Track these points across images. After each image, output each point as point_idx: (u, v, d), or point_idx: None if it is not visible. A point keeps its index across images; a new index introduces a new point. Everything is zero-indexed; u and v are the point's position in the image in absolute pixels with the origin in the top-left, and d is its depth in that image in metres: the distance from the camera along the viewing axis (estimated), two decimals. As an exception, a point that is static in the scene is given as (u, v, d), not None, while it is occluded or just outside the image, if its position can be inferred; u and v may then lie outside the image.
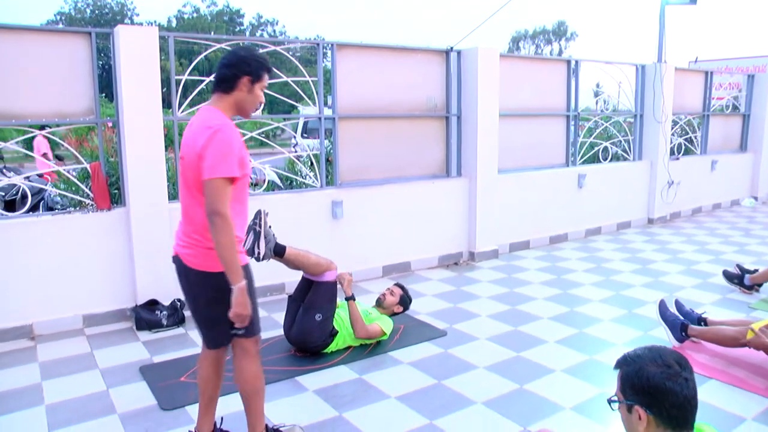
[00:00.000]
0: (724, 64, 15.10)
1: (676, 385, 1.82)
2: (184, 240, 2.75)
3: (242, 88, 2.71)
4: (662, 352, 1.92)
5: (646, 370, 1.86)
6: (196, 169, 2.60)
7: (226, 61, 2.73)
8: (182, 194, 2.79)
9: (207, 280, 2.69)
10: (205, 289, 2.73)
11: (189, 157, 2.66)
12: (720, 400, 3.49)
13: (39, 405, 3.53)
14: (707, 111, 9.92)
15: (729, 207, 10.60)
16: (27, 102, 4.62)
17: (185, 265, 2.75)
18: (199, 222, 2.67)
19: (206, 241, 2.65)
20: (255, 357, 2.89)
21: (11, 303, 4.55)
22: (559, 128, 7.81)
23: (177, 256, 2.80)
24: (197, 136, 2.62)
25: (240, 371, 2.87)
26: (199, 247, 2.69)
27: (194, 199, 2.68)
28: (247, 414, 2.93)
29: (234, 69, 2.70)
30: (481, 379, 3.83)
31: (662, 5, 8.74)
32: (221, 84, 2.72)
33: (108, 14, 48.22)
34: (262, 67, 2.75)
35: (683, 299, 5.24)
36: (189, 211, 2.73)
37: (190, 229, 2.73)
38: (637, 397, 1.87)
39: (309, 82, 5.82)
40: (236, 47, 2.97)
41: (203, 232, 2.66)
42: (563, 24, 59.67)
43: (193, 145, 2.62)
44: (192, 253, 2.72)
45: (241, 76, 2.69)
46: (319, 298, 4.14)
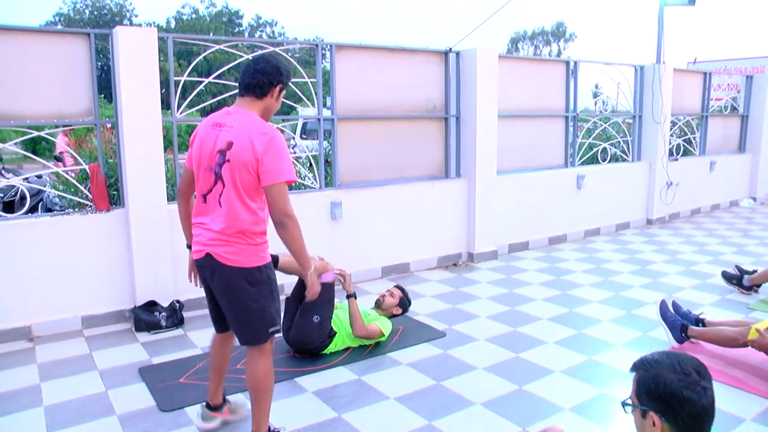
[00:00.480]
0: (723, 65, 15.12)
1: (694, 394, 1.79)
2: (221, 239, 2.77)
3: (274, 94, 2.86)
4: (681, 358, 1.89)
5: (664, 376, 1.83)
6: (251, 173, 2.70)
7: (261, 67, 2.83)
8: (223, 196, 2.77)
9: (247, 276, 2.78)
10: (245, 284, 2.79)
11: (240, 161, 2.70)
12: (719, 401, 3.44)
13: (38, 406, 3.53)
14: (706, 112, 9.93)
15: (728, 208, 10.61)
16: (26, 103, 4.61)
17: (221, 263, 2.78)
18: (243, 221, 2.75)
19: (248, 239, 2.77)
20: (269, 356, 2.94)
21: (10, 304, 4.55)
22: (558, 129, 7.82)
23: (209, 255, 2.80)
24: (254, 140, 2.68)
25: (254, 369, 2.91)
26: (241, 244, 2.76)
27: (242, 202, 2.75)
28: (253, 411, 2.96)
29: (270, 77, 2.82)
30: (481, 380, 3.83)
31: (661, 6, 8.74)
32: (255, 89, 2.82)
33: (107, 15, 48.26)
34: (289, 77, 2.94)
35: (682, 300, 5.24)
36: (233, 214, 2.75)
37: (230, 227, 2.75)
38: (653, 404, 1.84)
39: (308, 83, 5.82)
40: (267, 55, 3.05)
41: (246, 230, 2.76)
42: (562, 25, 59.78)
43: (249, 149, 2.68)
44: (232, 250, 2.76)
45: (276, 84, 2.85)
46: (316, 299, 4.12)
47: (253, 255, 2.79)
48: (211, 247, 2.80)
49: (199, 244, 2.87)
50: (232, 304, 2.86)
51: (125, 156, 4.82)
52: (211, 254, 2.80)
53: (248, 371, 2.94)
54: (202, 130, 2.90)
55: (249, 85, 2.83)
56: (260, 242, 2.84)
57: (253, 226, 2.79)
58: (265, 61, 2.88)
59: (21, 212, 5.20)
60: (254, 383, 2.92)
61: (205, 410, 3.25)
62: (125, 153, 4.81)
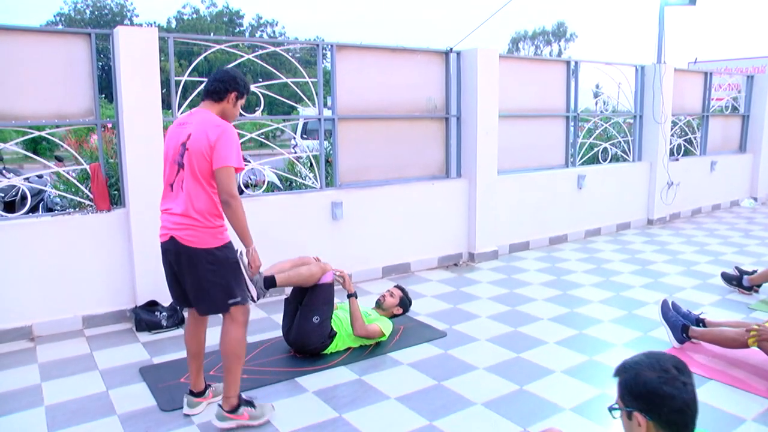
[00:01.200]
0: (724, 65, 15.13)
1: (674, 389, 1.82)
2: (183, 222, 3.09)
3: (230, 100, 3.26)
4: (660, 357, 1.92)
5: (643, 375, 1.86)
6: (206, 158, 3.04)
7: (219, 77, 3.26)
8: (185, 186, 3.11)
9: (207, 256, 3.09)
10: (204, 264, 3.10)
11: (197, 148, 3.06)
12: (720, 401, 3.49)
13: (39, 406, 3.53)
14: (707, 112, 9.93)
15: (728, 208, 10.60)
16: (27, 103, 4.62)
17: (183, 245, 3.09)
18: (201, 205, 3.09)
19: (207, 221, 3.09)
20: (241, 325, 3.25)
21: (11, 304, 4.55)
22: (558, 129, 7.82)
23: (172, 238, 3.13)
24: (208, 131, 3.06)
25: (226, 336, 3.23)
26: (199, 227, 3.08)
27: (199, 185, 3.08)
28: (225, 377, 3.24)
29: (226, 84, 3.23)
30: (481, 380, 3.83)
31: (661, 6, 8.73)
32: (213, 94, 3.24)
33: (107, 15, 48.27)
34: (246, 88, 3.32)
35: (683, 300, 5.25)
36: (191, 196, 3.09)
37: (189, 209, 3.08)
38: (636, 403, 1.86)
39: (308, 83, 5.82)
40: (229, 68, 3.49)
41: (204, 214, 3.08)
42: (563, 25, 59.73)
43: (204, 138, 3.05)
44: (192, 233, 3.08)
45: (231, 91, 3.24)
46: (315, 300, 4.14)
47: (211, 237, 3.10)
48: (174, 231, 3.12)
49: (164, 229, 3.19)
50: (195, 281, 3.15)
51: (126, 156, 4.82)
52: (174, 237, 3.11)
53: (222, 339, 3.24)
54: (170, 129, 3.29)
55: (208, 91, 3.26)
56: (218, 225, 3.14)
57: (211, 208, 3.10)
58: (225, 72, 3.32)
59: (22, 212, 5.19)
60: (226, 350, 3.22)
61: (190, 398, 3.44)
62: (126, 153, 4.81)
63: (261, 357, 4.16)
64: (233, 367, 3.22)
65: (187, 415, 3.38)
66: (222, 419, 3.21)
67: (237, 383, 3.24)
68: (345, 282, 4.31)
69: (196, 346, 3.43)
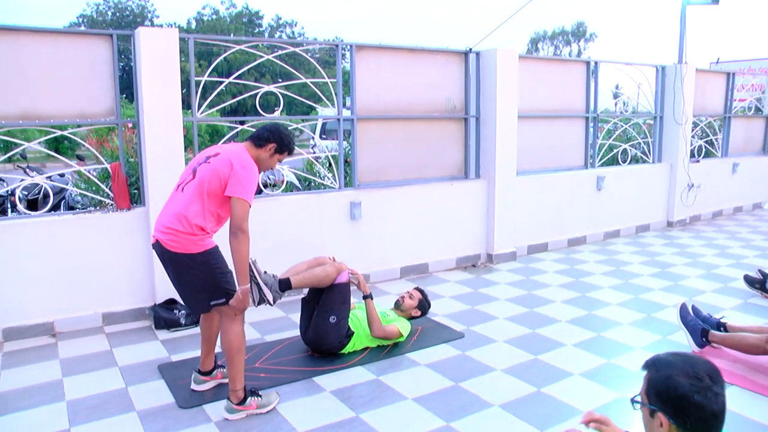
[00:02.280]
0: (747, 65, 14.92)
1: (705, 399, 1.77)
2: (168, 227, 3.25)
3: (268, 149, 3.47)
4: (694, 361, 1.86)
5: (675, 379, 1.81)
6: (220, 180, 3.23)
7: (268, 127, 3.53)
8: (186, 190, 3.32)
9: (188, 261, 3.25)
10: (187, 268, 3.27)
11: (216, 168, 3.26)
12: (741, 407, 3.44)
13: (60, 401, 3.58)
14: (729, 113, 9.81)
15: (750, 210, 10.46)
16: (49, 103, 4.68)
17: (167, 249, 3.25)
18: (192, 214, 3.23)
19: (191, 229, 3.22)
20: (237, 320, 3.39)
21: (33, 300, 4.62)
22: (577, 130, 7.77)
23: (158, 242, 3.30)
24: (234, 160, 3.27)
25: (225, 332, 3.38)
26: (182, 233, 3.22)
27: (199, 197, 3.26)
28: (228, 371, 3.40)
29: (270, 134, 3.47)
30: (499, 381, 3.82)
31: (683, 5, 8.63)
32: (255, 139, 3.47)
33: (129, 16, 48.75)
34: (288, 146, 3.54)
35: (704, 304, 5.18)
36: (187, 203, 3.27)
37: (180, 216, 3.24)
38: (662, 405, 1.82)
39: (328, 84, 5.83)
40: (280, 124, 3.65)
41: (192, 223, 3.23)
42: (582, 25, 59.31)
43: (227, 164, 3.25)
44: (175, 239, 3.23)
45: (272, 142, 3.46)
46: (332, 300, 4.14)
47: (192, 244, 3.23)
48: (160, 235, 3.28)
49: (155, 231, 3.37)
50: (179, 283, 3.39)
51: (146, 155, 4.87)
52: (160, 241, 3.28)
53: (221, 336, 3.41)
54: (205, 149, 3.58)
55: (252, 135, 3.50)
56: (199, 234, 3.25)
57: (199, 220, 3.24)
58: (276, 126, 3.57)
59: (44, 210, 5.26)
60: (226, 345, 3.37)
61: (197, 375, 3.68)
62: (146, 152, 4.86)
63: (279, 356, 4.18)
64: (236, 361, 3.36)
65: (194, 390, 3.64)
66: (231, 411, 3.36)
67: (241, 376, 3.39)
68: (360, 283, 4.30)
69: (207, 330, 3.66)
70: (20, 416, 3.41)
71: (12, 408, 3.50)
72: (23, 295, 4.58)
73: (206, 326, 3.67)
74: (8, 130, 4.85)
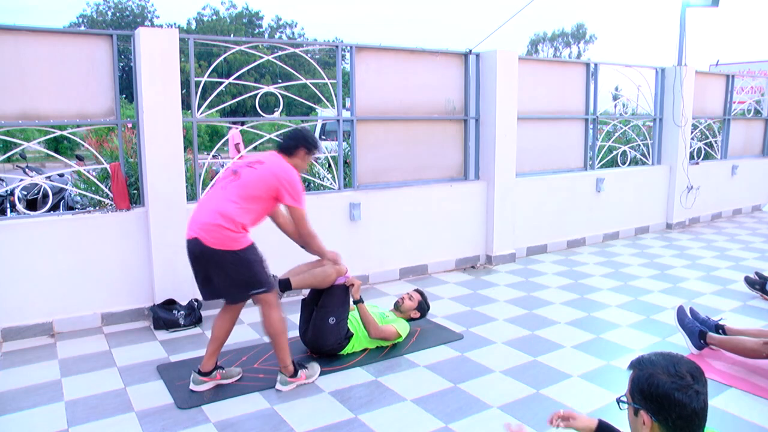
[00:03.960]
0: (747, 68, 14.93)
1: (686, 396, 1.80)
2: (210, 225, 3.43)
3: (299, 155, 3.80)
4: (677, 360, 1.90)
5: (657, 377, 1.85)
6: (267, 186, 3.56)
7: (291, 135, 3.87)
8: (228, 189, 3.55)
9: (229, 257, 3.44)
10: (228, 264, 3.46)
11: (263, 175, 3.58)
12: (740, 409, 3.44)
13: (58, 401, 3.58)
14: (728, 115, 9.81)
15: (750, 212, 10.47)
16: (49, 103, 4.68)
17: (207, 246, 3.42)
18: (232, 212, 3.46)
19: (232, 225, 3.43)
20: (276, 306, 3.65)
21: (32, 300, 4.62)
22: (577, 132, 7.77)
23: (196, 239, 3.46)
24: (279, 169, 3.62)
25: (266, 318, 3.64)
26: (226, 230, 3.42)
27: (244, 199, 3.52)
28: (276, 352, 3.71)
29: (296, 141, 3.80)
30: (498, 383, 3.82)
31: (683, 7, 8.64)
32: (285, 149, 3.77)
33: (129, 16, 48.73)
34: (316, 146, 3.88)
35: (703, 306, 5.19)
36: (229, 203, 3.49)
37: (221, 216, 3.44)
38: (645, 403, 1.86)
39: (327, 84, 5.83)
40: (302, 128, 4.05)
41: (232, 219, 3.44)
42: (582, 27, 59.29)
43: (273, 174, 3.58)
44: (217, 236, 3.41)
45: (301, 147, 3.80)
46: (331, 301, 4.14)
47: (233, 241, 3.44)
48: (200, 233, 3.45)
49: (191, 229, 3.53)
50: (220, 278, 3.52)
51: (146, 156, 4.87)
52: (199, 239, 3.44)
53: (263, 323, 3.66)
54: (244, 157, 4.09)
55: (281, 146, 3.80)
56: (242, 233, 3.49)
57: (239, 217, 3.47)
58: (296, 131, 3.95)
59: (43, 210, 5.26)
60: (269, 329, 3.66)
61: (197, 376, 3.70)
62: (146, 153, 4.86)
63: (277, 357, 4.18)
64: (280, 342, 3.67)
65: (193, 390, 3.66)
66: (285, 383, 3.70)
67: (288, 353, 3.71)
68: (353, 288, 4.26)
69: (220, 330, 3.72)
70: (19, 416, 3.41)
71: (11, 408, 3.49)
72: (22, 295, 4.58)
73: (220, 325, 3.72)
74: (8, 129, 4.84)
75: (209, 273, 3.55)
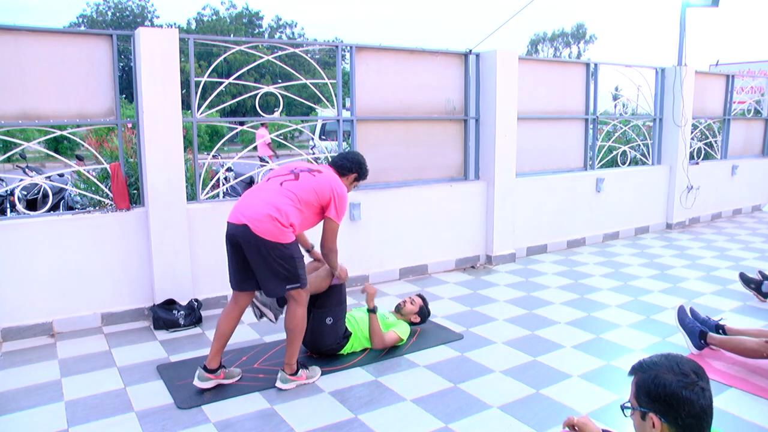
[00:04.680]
0: (746, 68, 14.93)
1: (693, 394, 1.81)
2: (265, 216, 3.50)
3: (349, 179, 4.02)
4: (679, 360, 1.90)
5: (662, 378, 1.85)
6: (317, 197, 3.69)
7: (350, 157, 4.03)
8: (286, 187, 3.66)
9: (275, 250, 3.52)
10: (273, 256, 3.52)
11: (318, 185, 3.71)
12: (741, 409, 3.44)
13: (58, 401, 3.58)
14: (728, 115, 9.81)
15: (750, 212, 10.47)
16: (49, 103, 4.68)
17: (256, 235, 3.48)
18: (288, 209, 3.57)
19: (285, 220, 3.54)
20: (304, 304, 3.76)
21: (32, 300, 4.62)
22: (577, 132, 7.77)
23: (246, 226, 3.50)
24: (334, 185, 3.77)
25: (292, 314, 3.73)
26: (280, 224, 3.51)
27: (299, 201, 3.64)
28: (287, 348, 3.77)
29: (351, 164, 4.00)
30: (498, 383, 3.82)
31: (683, 7, 8.64)
32: (339, 168, 3.97)
33: (129, 16, 48.70)
34: (365, 174, 4.09)
35: (703, 306, 5.19)
36: (287, 198, 3.61)
37: (277, 210, 3.53)
38: (653, 405, 1.85)
39: (327, 84, 5.83)
40: (357, 152, 4.17)
41: (287, 215, 3.55)
42: (582, 27, 59.27)
43: (328, 187, 3.73)
44: (270, 227, 3.49)
45: (353, 172, 4.02)
46: (328, 301, 4.13)
47: (282, 234, 3.52)
48: (251, 221, 3.49)
49: (240, 215, 3.56)
50: (263, 268, 3.56)
51: (146, 155, 4.86)
52: (248, 226, 3.49)
53: (287, 316, 3.75)
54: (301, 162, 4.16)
55: (336, 164, 3.98)
56: (291, 230, 3.58)
57: (291, 216, 3.57)
58: (355, 155, 4.08)
59: (43, 210, 5.26)
60: (290, 325, 3.73)
61: (202, 372, 3.68)
62: (146, 153, 4.86)
63: (278, 357, 4.17)
64: (295, 339, 3.75)
65: (197, 387, 3.65)
66: (285, 381, 3.73)
67: (297, 352, 3.77)
68: (368, 296, 4.34)
69: (225, 327, 3.74)
70: (19, 416, 3.41)
71: (10, 408, 3.49)
72: (22, 295, 4.58)
73: (225, 323, 3.74)
74: (8, 129, 4.84)
75: (251, 262, 3.58)
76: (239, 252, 3.60)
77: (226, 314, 3.76)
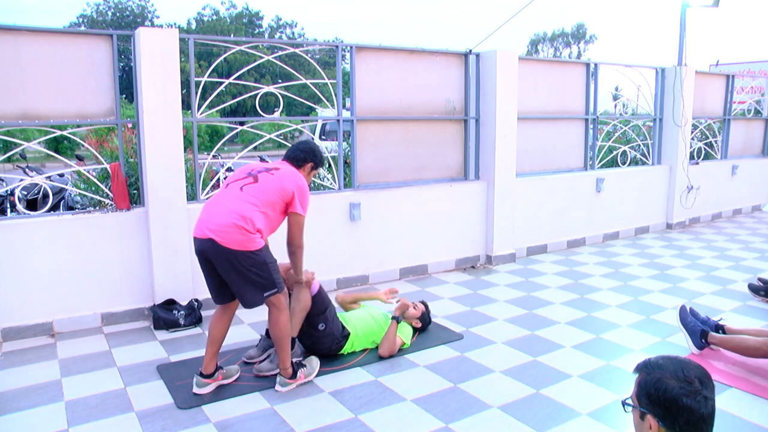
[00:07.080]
0: (747, 68, 14.93)
1: (694, 402, 1.79)
2: (229, 226, 3.39)
3: (306, 169, 3.89)
4: (685, 365, 1.88)
5: (665, 382, 1.83)
6: (279, 196, 3.59)
7: (302, 147, 3.91)
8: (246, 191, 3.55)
9: (246, 259, 3.43)
10: (245, 265, 3.43)
11: (278, 184, 3.61)
12: (741, 409, 3.44)
13: (59, 401, 3.58)
14: (728, 115, 9.81)
15: (750, 213, 10.47)
16: (49, 103, 4.68)
17: (224, 247, 3.38)
18: (251, 215, 3.45)
19: (249, 227, 3.42)
20: (285, 309, 3.68)
21: (32, 300, 4.62)
22: (577, 132, 7.77)
23: (211, 240, 3.40)
24: (291, 179, 3.67)
25: (275, 322, 3.66)
26: (246, 231, 3.41)
27: (263, 204, 3.53)
28: (278, 354, 3.72)
29: (305, 154, 3.88)
30: (498, 383, 3.82)
31: (683, 7, 8.64)
32: (293, 160, 3.85)
33: (129, 16, 48.73)
34: (321, 162, 4.00)
35: (703, 306, 5.19)
36: (247, 202, 3.49)
37: (240, 217, 3.42)
38: (652, 407, 1.84)
39: (327, 84, 5.83)
40: (309, 140, 4.06)
41: (250, 221, 3.43)
42: (582, 27, 59.30)
43: (286, 184, 3.63)
44: (236, 236, 3.39)
45: (309, 162, 3.90)
46: (314, 311, 4.05)
47: (250, 241, 3.43)
48: (215, 233, 3.40)
49: (205, 229, 3.46)
50: (235, 279, 3.49)
51: (146, 155, 4.87)
52: (214, 240, 3.39)
53: (270, 324, 3.70)
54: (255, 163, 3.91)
55: (290, 157, 3.88)
56: (258, 236, 3.48)
57: (255, 221, 3.46)
58: (306, 143, 3.97)
59: (43, 210, 5.26)
60: (276, 333, 3.67)
61: (199, 378, 3.68)
62: (146, 153, 4.86)
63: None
64: (284, 344, 3.69)
65: (196, 394, 3.62)
66: (284, 385, 3.71)
67: (289, 355, 3.72)
68: (399, 305, 4.40)
69: (216, 332, 3.71)
70: (19, 416, 3.41)
71: (10, 408, 3.50)
72: (22, 295, 4.58)
73: (217, 328, 3.71)
74: (8, 129, 4.84)
75: (223, 275, 3.51)
76: (212, 266, 3.53)
77: (217, 319, 3.72)
